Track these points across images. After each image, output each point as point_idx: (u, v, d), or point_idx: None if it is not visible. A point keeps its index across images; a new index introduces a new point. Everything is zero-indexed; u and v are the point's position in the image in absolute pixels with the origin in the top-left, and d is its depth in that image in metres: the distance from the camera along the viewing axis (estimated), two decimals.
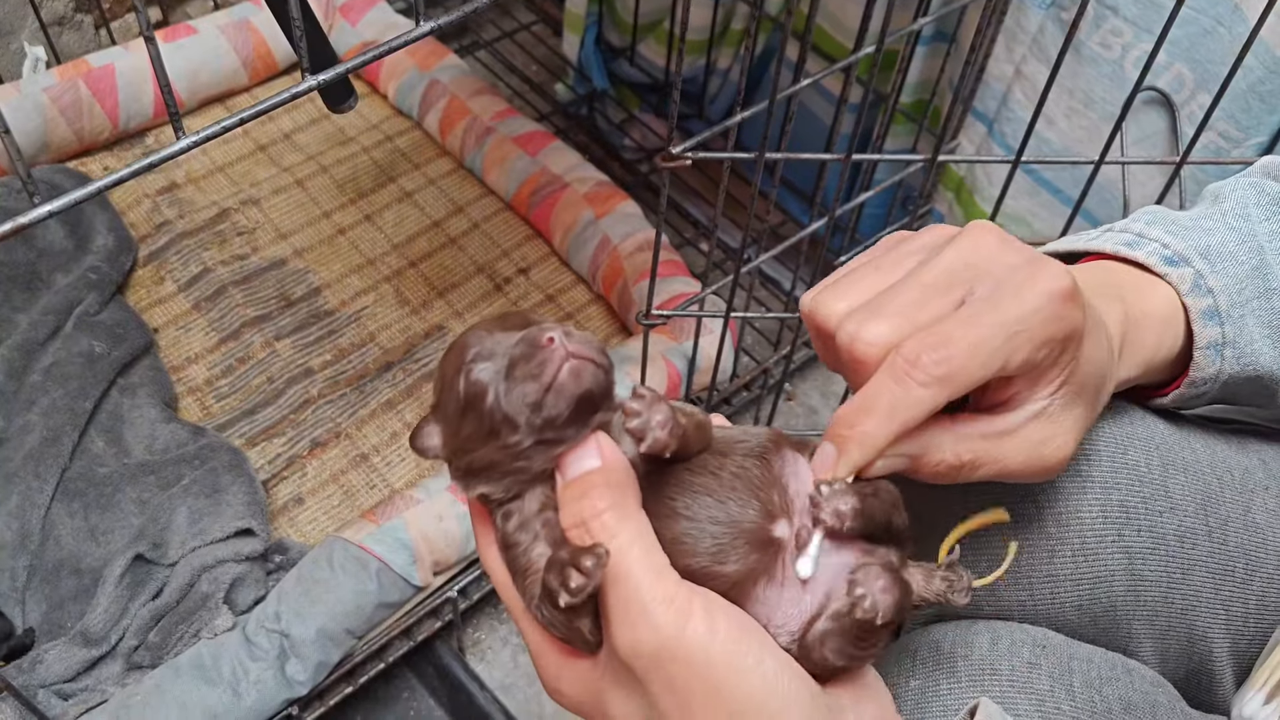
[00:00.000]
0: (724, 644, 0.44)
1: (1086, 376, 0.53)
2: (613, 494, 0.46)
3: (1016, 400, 0.52)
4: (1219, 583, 0.62)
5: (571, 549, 0.45)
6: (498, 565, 0.51)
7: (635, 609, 0.44)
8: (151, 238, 1.58)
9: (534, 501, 0.49)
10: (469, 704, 1.25)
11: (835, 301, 0.53)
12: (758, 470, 0.50)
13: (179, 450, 1.28)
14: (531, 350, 0.46)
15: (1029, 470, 0.53)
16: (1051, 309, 0.49)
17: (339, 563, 1.14)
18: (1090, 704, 0.57)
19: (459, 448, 0.49)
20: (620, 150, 1.82)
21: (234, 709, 1.07)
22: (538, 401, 0.46)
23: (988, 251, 0.52)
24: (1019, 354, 0.49)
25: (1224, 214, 0.63)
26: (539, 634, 0.50)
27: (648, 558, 0.45)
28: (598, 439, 0.48)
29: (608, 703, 0.48)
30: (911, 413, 0.49)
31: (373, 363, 1.46)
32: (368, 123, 1.78)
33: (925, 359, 0.48)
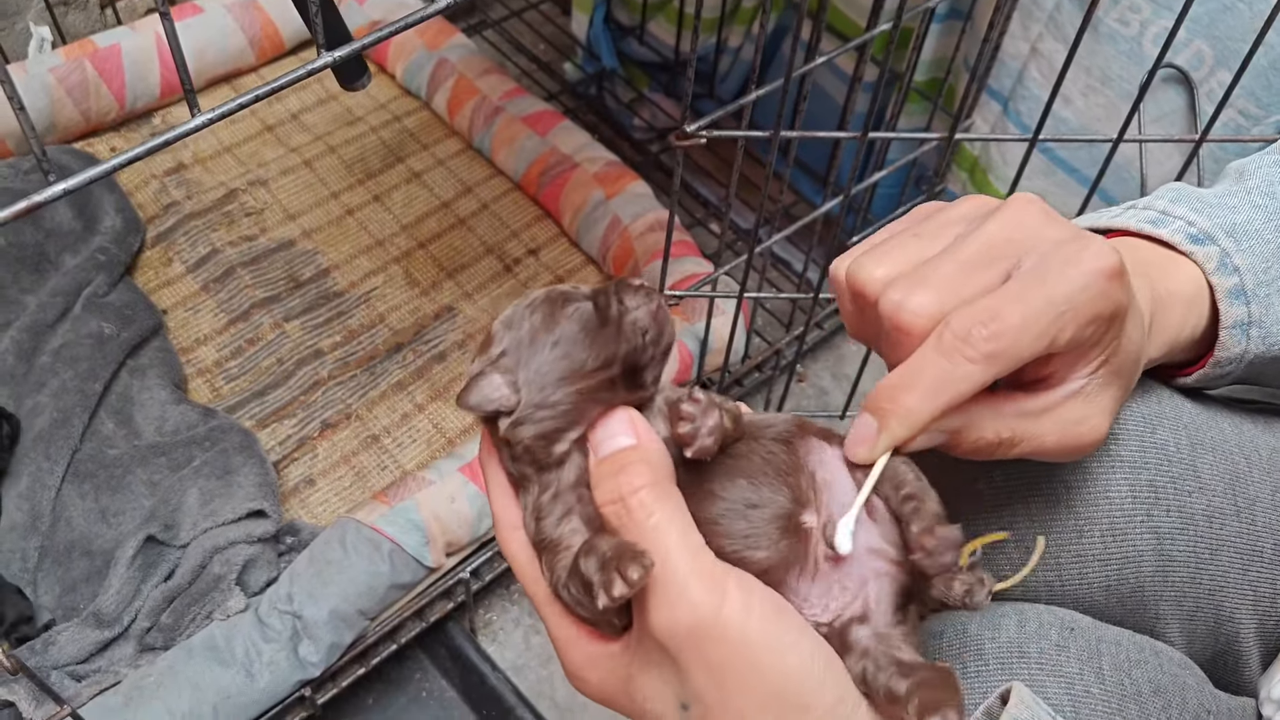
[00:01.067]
0: (761, 622, 0.44)
1: (1125, 356, 0.52)
2: (650, 472, 0.46)
3: (1055, 379, 0.51)
4: (1247, 563, 0.61)
5: (616, 547, 0.45)
6: (520, 549, 0.51)
7: (673, 587, 0.44)
8: (159, 219, 1.57)
9: (571, 472, 0.49)
10: (481, 685, 1.25)
11: (875, 267, 0.52)
12: (785, 455, 0.50)
13: (189, 432, 1.28)
14: (630, 288, 0.49)
15: (1063, 449, 0.53)
16: (1099, 287, 0.48)
17: (351, 544, 1.13)
18: (1120, 687, 0.57)
19: (537, 384, 0.49)
20: (630, 130, 1.81)
21: (247, 690, 1.07)
22: (648, 330, 0.49)
23: (1032, 225, 0.51)
24: (1066, 332, 0.48)
25: (1249, 191, 0.62)
26: (563, 619, 0.50)
27: (685, 537, 0.45)
28: (630, 417, 0.49)
29: (636, 687, 0.47)
30: (958, 389, 0.48)
31: (382, 344, 1.45)
32: (376, 103, 1.77)
33: (976, 334, 0.47)
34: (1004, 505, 0.60)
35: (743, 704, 0.44)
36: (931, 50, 1.38)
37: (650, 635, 0.45)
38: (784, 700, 0.44)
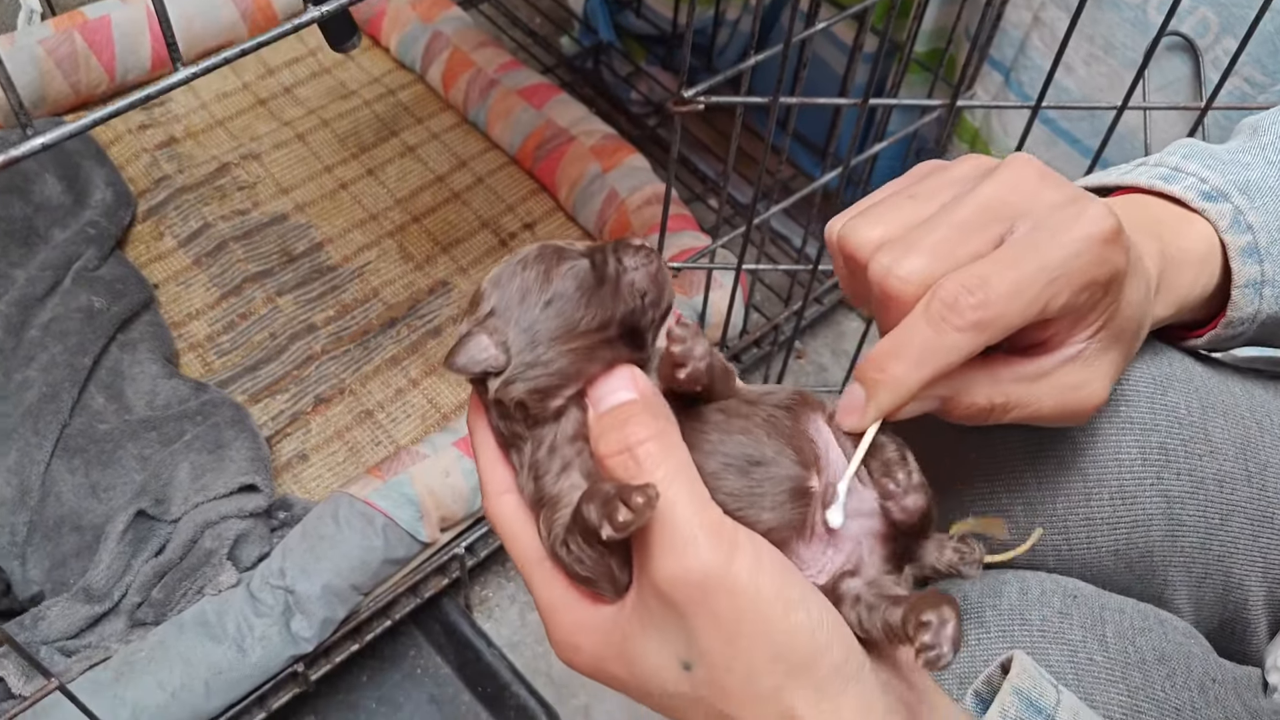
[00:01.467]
0: (771, 578, 0.43)
1: (1125, 320, 0.51)
2: (656, 424, 0.45)
3: (1053, 343, 0.50)
4: (1258, 529, 0.60)
5: (618, 485, 0.44)
6: (510, 512, 0.49)
7: (682, 538, 0.43)
8: (150, 193, 1.55)
9: (569, 425, 0.48)
10: (476, 661, 1.23)
11: (868, 229, 0.50)
12: (789, 421, 0.49)
13: (180, 406, 1.26)
14: (629, 248, 0.48)
15: (1060, 415, 0.51)
16: (1094, 252, 0.47)
17: (344, 518, 1.12)
18: (1124, 654, 0.56)
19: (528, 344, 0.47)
20: (627, 104, 1.79)
21: (238, 665, 1.05)
22: (646, 291, 0.47)
23: (1028, 187, 0.49)
24: (1059, 298, 0.47)
25: (1263, 147, 0.60)
26: (554, 583, 0.48)
27: (692, 489, 0.44)
28: (631, 372, 0.47)
29: (634, 649, 0.46)
30: (946, 358, 0.47)
31: (376, 319, 1.43)
32: (369, 76, 1.75)
33: (963, 302, 0.46)
34: (1012, 468, 0.59)
35: (750, 659, 0.43)
36: (932, 20, 1.37)
37: (654, 590, 0.44)
38: (791, 657, 0.43)
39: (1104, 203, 0.48)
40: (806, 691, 0.43)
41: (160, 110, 1.65)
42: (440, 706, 1.23)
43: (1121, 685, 0.54)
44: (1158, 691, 0.54)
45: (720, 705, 0.44)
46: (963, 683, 0.55)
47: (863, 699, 0.44)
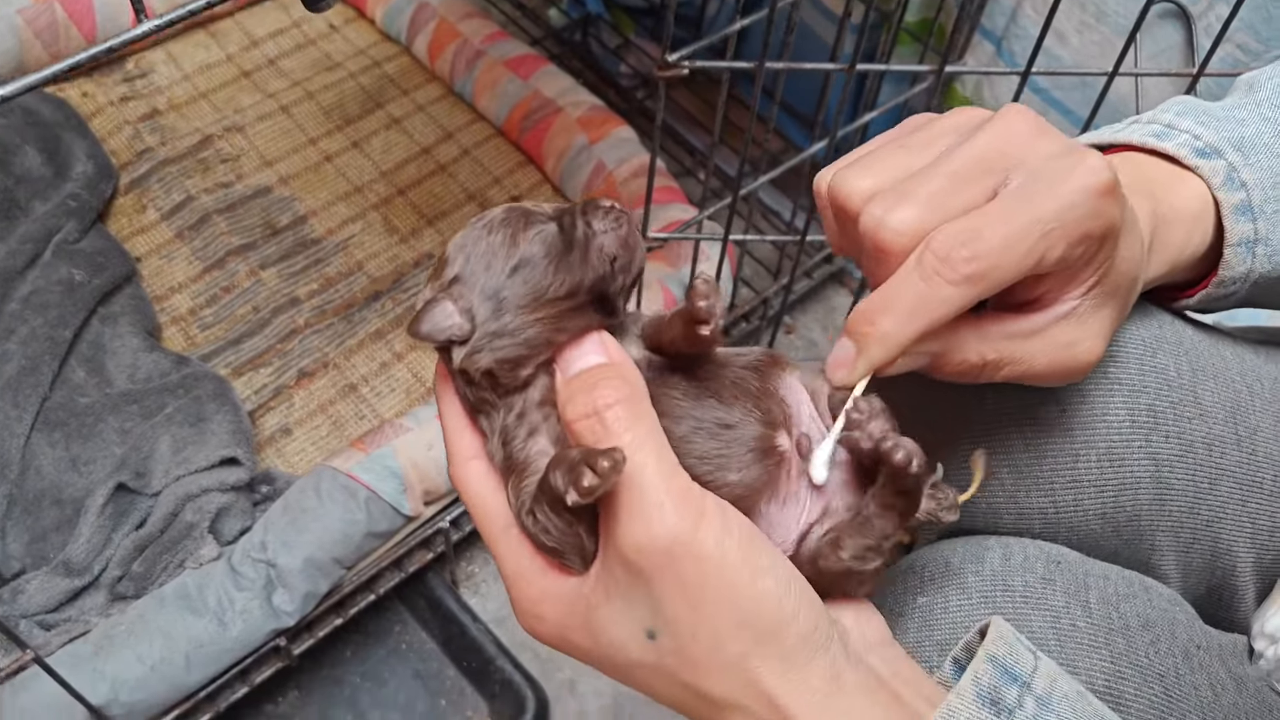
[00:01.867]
0: (739, 544, 0.42)
1: (1120, 276, 0.49)
2: (625, 388, 0.44)
3: (1046, 300, 0.49)
4: (1247, 494, 0.59)
5: (585, 449, 0.43)
6: (477, 480, 0.48)
7: (649, 504, 0.42)
8: (133, 165, 1.53)
9: (537, 392, 0.47)
10: (461, 636, 1.23)
11: (858, 179, 0.49)
12: (756, 381, 0.49)
13: (162, 379, 1.25)
14: (598, 210, 0.47)
15: (1054, 373, 0.50)
16: (1089, 205, 0.46)
17: (327, 491, 1.11)
18: (1107, 620, 0.55)
19: (494, 313, 0.46)
20: (616, 77, 1.77)
21: (219, 639, 1.04)
22: (616, 256, 0.46)
23: (1023, 138, 0.48)
24: (1054, 251, 0.46)
25: (1259, 104, 0.59)
26: (520, 551, 0.47)
27: (661, 456, 0.43)
28: (601, 338, 0.47)
29: (598, 619, 0.45)
30: (937, 312, 0.45)
31: (360, 292, 1.42)
32: (355, 48, 1.73)
33: (956, 255, 0.45)
34: (998, 429, 0.58)
35: (716, 627, 0.42)
36: None
37: (620, 558, 0.43)
38: (758, 625, 0.42)
39: (1099, 155, 0.47)
40: (773, 660, 0.42)
41: (143, 82, 1.63)
42: (425, 681, 1.23)
43: (1104, 651, 0.53)
44: (1141, 658, 0.53)
45: (684, 675, 0.43)
46: (942, 650, 0.54)
47: (831, 669, 0.43)
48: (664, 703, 0.46)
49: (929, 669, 0.53)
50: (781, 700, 0.42)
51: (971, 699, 0.42)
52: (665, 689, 0.45)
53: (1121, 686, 0.52)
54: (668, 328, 0.47)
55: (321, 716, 1.19)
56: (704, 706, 0.44)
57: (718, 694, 0.43)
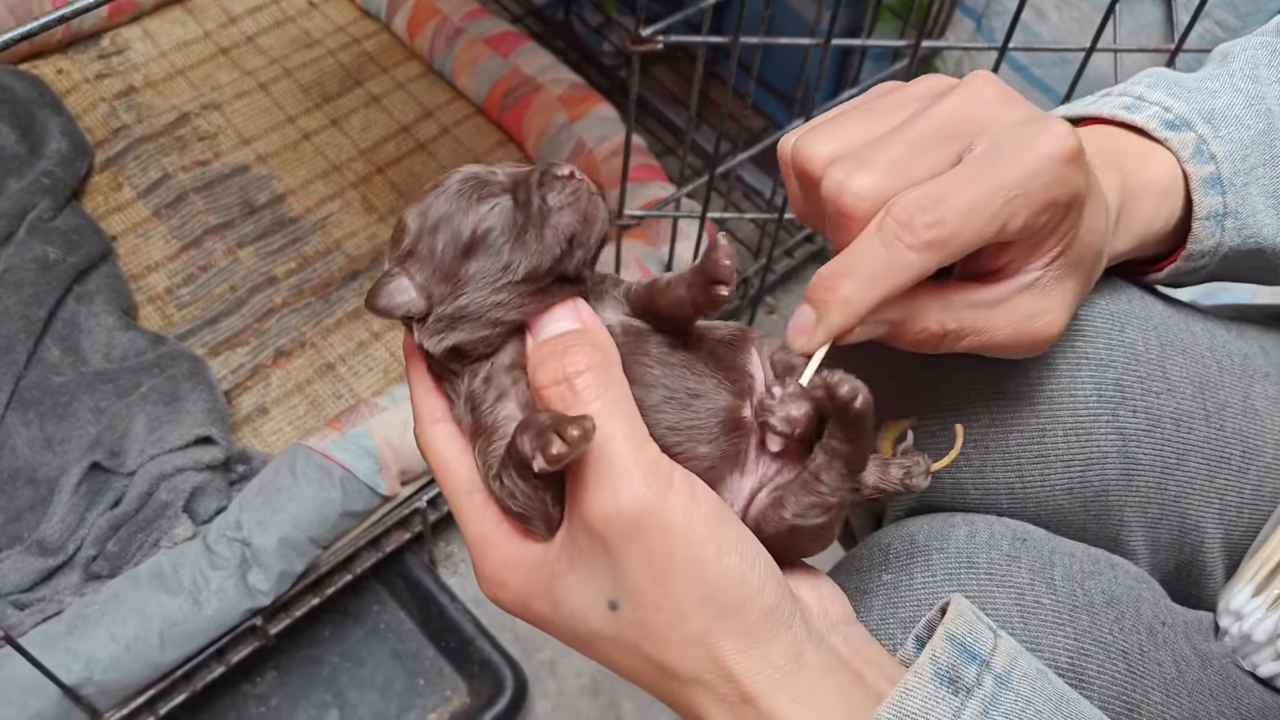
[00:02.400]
0: (706, 518, 0.42)
1: (1085, 247, 0.49)
2: (597, 354, 0.44)
3: (1009, 270, 0.48)
4: (1214, 470, 0.59)
5: (554, 415, 0.42)
6: (442, 442, 0.47)
7: (618, 473, 0.41)
8: (108, 143, 1.52)
9: (506, 356, 0.46)
10: (440, 616, 1.22)
11: (821, 144, 0.48)
12: (728, 356, 0.49)
13: (137, 358, 1.24)
14: (555, 182, 0.45)
15: (1015, 344, 0.50)
16: (1054, 172, 0.45)
17: (302, 470, 1.10)
18: (1072, 597, 0.54)
19: (449, 293, 0.45)
20: (598, 55, 1.76)
21: (194, 618, 1.04)
22: (574, 233, 0.45)
23: (988, 105, 0.47)
24: (1017, 219, 0.45)
25: (1231, 75, 0.58)
26: (485, 516, 0.46)
27: (630, 424, 0.43)
28: (575, 304, 0.46)
29: (561, 588, 0.44)
30: (899, 278, 0.45)
31: (338, 271, 1.41)
32: (333, 25, 1.71)
33: (918, 220, 0.44)
34: (966, 403, 0.57)
35: (680, 599, 0.42)
36: None
37: (585, 527, 0.42)
38: (722, 599, 0.42)
39: (1064, 123, 0.46)
40: (734, 636, 0.42)
41: (118, 59, 1.61)
42: (404, 661, 1.22)
43: (1069, 628, 0.53)
44: (1105, 634, 0.53)
45: (645, 647, 0.43)
46: (907, 627, 0.54)
47: (793, 647, 0.43)
48: (625, 675, 0.45)
49: (893, 647, 0.53)
50: (742, 676, 0.42)
51: (929, 678, 0.42)
52: (626, 661, 0.44)
53: (1084, 663, 0.52)
54: (672, 288, 0.47)
55: (300, 696, 1.19)
56: (664, 680, 0.44)
57: (678, 668, 0.43)
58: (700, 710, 0.43)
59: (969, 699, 0.41)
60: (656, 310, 0.48)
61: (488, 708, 1.16)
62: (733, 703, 0.42)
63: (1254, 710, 0.55)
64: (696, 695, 0.43)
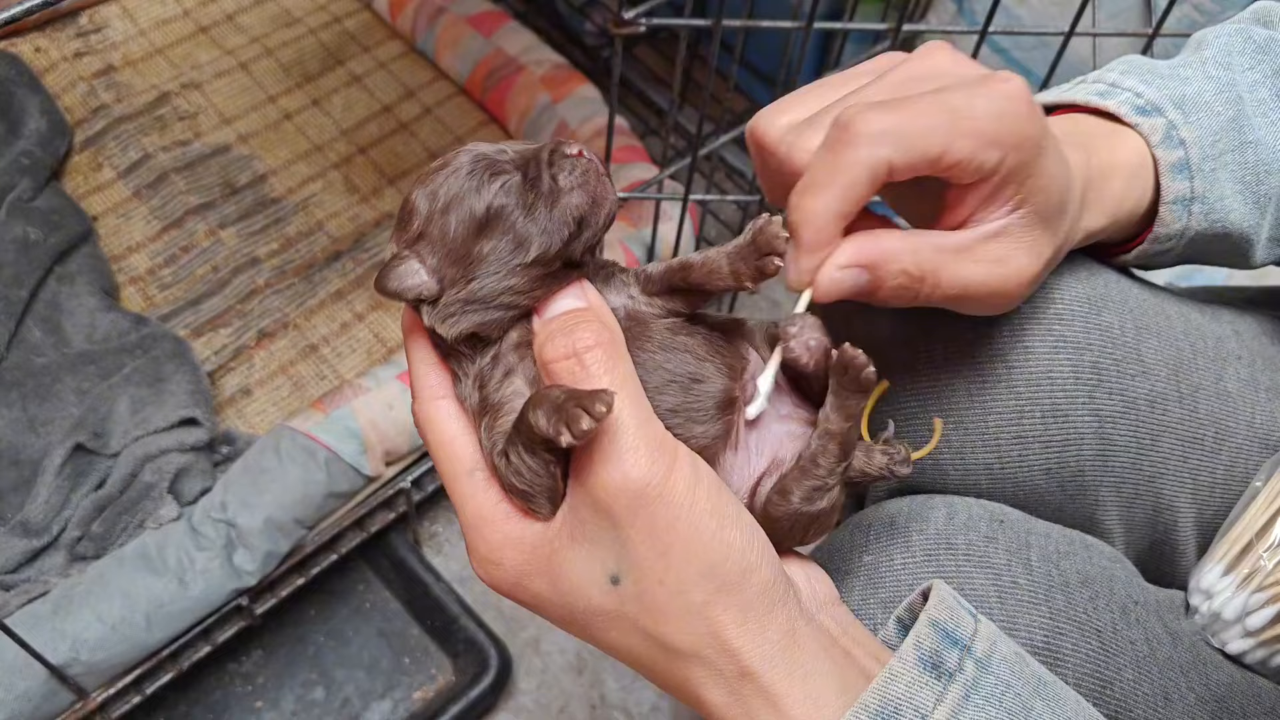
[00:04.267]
0: (708, 493, 0.43)
1: (1048, 196, 0.49)
2: (605, 332, 0.44)
3: (972, 221, 0.49)
4: (1188, 450, 0.60)
5: (569, 391, 0.42)
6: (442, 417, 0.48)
7: (624, 448, 0.42)
8: (88, 122, 1.51)
9: (515, 334, 0.47)
10: (425, 596, 1.23)
11: (777, 116, 0.50)
12: (724, 340, 0.50)
13: (120, 340, 1.24)
14: (564, 161, 0.46)
15: (989, 290, 0.50)
16: (1001, 106, 0.46)
17: (286, 452, 1.11)
18: (1047, 577, 0.56)
19: (465, 275, 0.46)
20: (581, 35, 1.76)
21: (179, 598, 1.04)
22: (584, 215, 0.45)
23: (941, 65, 0.49)
24: (964, 143, 0.45)
25: (1204, 62, 0.59)
26: (485, 495, 0.47)
27: (636, 400, 0.43)
28: (582, 285, 0.47)
29: (560, 562, 0.45)
30: (850, 177, 0.45)
31: (321, 252, 1.41)
32: (315, 3, 1.70)
33: (855, 119, 0.45)
34: (944, 385, 0.58)
35: (682, 572, 0.42)
36: None
37: (590, 500, 0.43)
38: (723, 572, 0.43)
39: (1017, 76, 0.48)
40: (734, 610, 0.43)
41: (97, 38, 1.60)
42: (389, 640, 1.23)
43: (1044, 608, 0.54)
44: (1079, 613, 0.54)
45: (645, 622, 0.44)
46: (887, 607, 0.55)
47: (788, 623, 0.43)
48: (622, 655, 0.46)
49: (874, 627, 0.54)
50: (740, 651, 0.43)
51: (913, 663, 0.43)
52: (623, 638, 0.45)
53: (1059, 642, 0.54)
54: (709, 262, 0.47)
55: (286, 675, 1.20)
56: (662, 656, 0.44)
57: (677, 642, 0.43)
58: (697, 686, 0.44)
59: (951, 683, 0.42)
60: (687, 284, 0.48)
61: (473, 685, 1.17)
62: (730, 678, 0.43)
63: (1222, 686, 0.56)
64: (694, 671, 0.43)
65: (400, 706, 1.19)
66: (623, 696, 1.21)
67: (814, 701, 0.42)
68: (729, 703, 0.43)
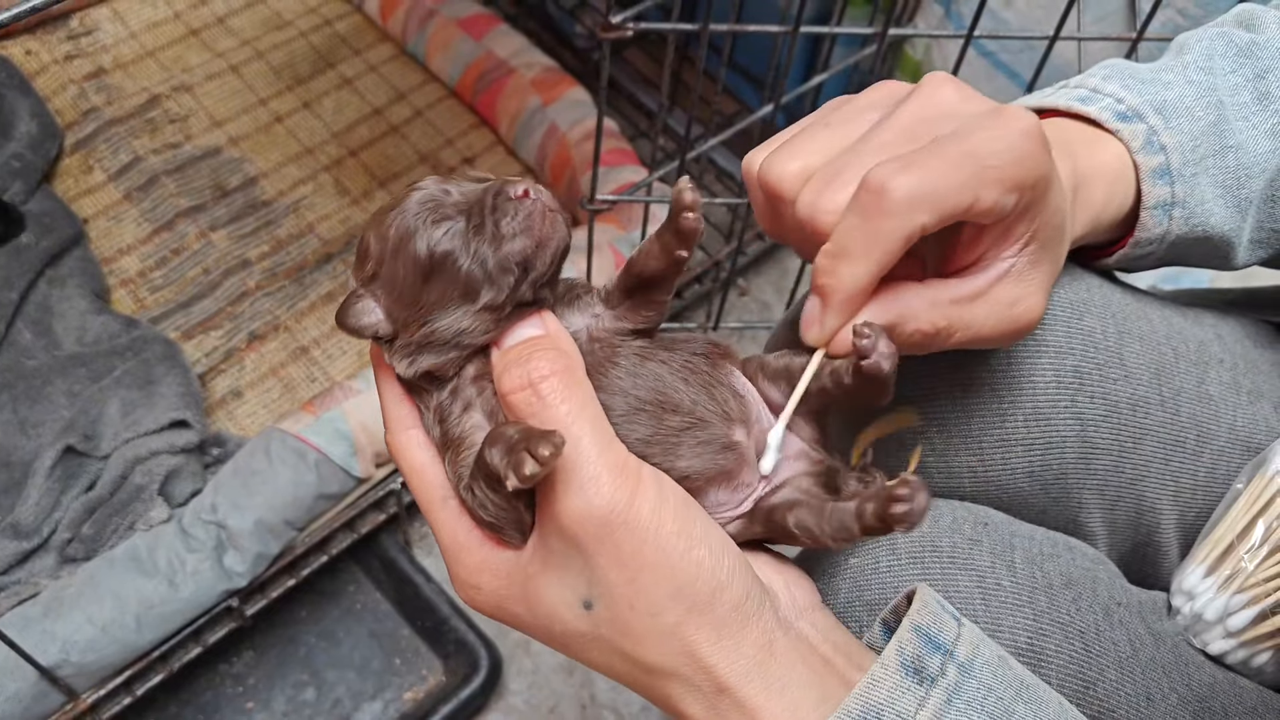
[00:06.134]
0: (674, 514, 0.43)
1: (1052, 229, 0.49)
2: (562, 359, 0.44)
3: (984, 260, 0.49)
4: (1170, 453, 0.60)
5: (523, 430, 0.42)
6: (415, 450, 0.48)
7: (585, 477, 0.42)
8: (78, 125, 1.51)
9: (472, 368, 0.47)
10: (415, 597, 1.23)
11: (787, 162, 0.49)
12: (707, 369, 0.49)
13: (111, 342, 1.24)
14: (508, 204, 0.45)
15: (1001, 333, 0.50)
16: (1022, 148, 0.46)
17: (276, 454, 1.11)
18: (1031, 579, 0.56)
19: (414, 319, 0.46)
20: (572, 38, 1.76)
21: (170, 600, 1.05)
22: (527, 259, 0.45)
23: (948, 103, 0.48)
24: (990, 192, 0.45)
25: (1185, 66, 0.60)
26: (458, 524, 0.47)
27: (595, 426, 0.43)
28: (541, 315, 0.47)
29: (534, 591, 0.45)
30: (884, 247, 0.45)
31: (312, 254, 1.41)
32: (305, 6, 1.70)
33: (891, 184, 0.44)
34: (928, 389, 0.59)
35: (652, 595, 0.43)
36: None
37: (556, 530, 0.43)
38: (694, 593, 0.43)
39: (1025, 110, 0.47)
40: (706, 629, 0.43)
41: (88, 40, 1.60)
42: (380, 641, 1.23)
43: (1028, 610, 0.55)
44: (1063, 615, 0.55)
45: (620, 644, 0.44)
46: (872, 610, 0.55)
47: (764, 635, 0.44)
48: (603, 671, 0.46)
49: (859, 629, 0.55)
50: (716, 668, 0.43)
51: (895, 669, 0.43)
52: (602, 658, 0.46)
53: (1043, 643, 0.54)
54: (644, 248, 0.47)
55: (277, 676, 1.20)
56: (641, 675, 0.45)
57: (653, 662, 0.44)
58: (677, 702, 0.44)
59: (933, 688, 0.43)
60: (634, 276, 0.48)
61: (463, 686, 1.17)
62: (708, 694, 0.43)
63: (1204, 686, 0.57)
64: (673, 688, 0.44)
65: (391, 707, 1.19)
66: (613, 697, 1.22)
67: (791, 712, 0.43)
68: (708, 716, 0.44)
